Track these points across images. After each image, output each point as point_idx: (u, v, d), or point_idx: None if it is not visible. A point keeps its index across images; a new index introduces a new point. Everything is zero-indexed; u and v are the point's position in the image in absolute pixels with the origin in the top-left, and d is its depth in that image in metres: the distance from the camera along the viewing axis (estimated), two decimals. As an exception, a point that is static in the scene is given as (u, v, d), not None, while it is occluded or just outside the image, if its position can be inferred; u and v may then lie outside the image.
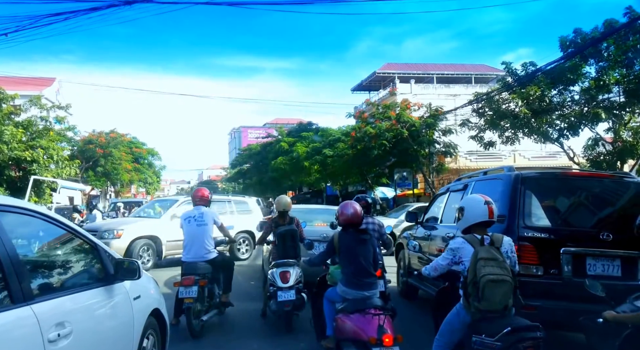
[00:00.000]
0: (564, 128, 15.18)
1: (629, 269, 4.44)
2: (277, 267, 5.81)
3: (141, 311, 3.63)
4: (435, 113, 19.78)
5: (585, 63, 13.76)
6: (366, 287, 4.07)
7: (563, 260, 4.39)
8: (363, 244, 4.24)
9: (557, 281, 4.37)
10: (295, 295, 5.58)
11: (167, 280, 9.31)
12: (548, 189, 5.01)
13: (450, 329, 3.46)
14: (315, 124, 33.15)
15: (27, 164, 17.92)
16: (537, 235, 4.44)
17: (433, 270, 3.57)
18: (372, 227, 5.72)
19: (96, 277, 3.29)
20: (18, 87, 25.16)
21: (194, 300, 5.42)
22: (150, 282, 4.15)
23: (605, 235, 4.46)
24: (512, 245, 3.49)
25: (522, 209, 4.56)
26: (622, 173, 5.69)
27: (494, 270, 3.16)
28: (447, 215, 6.14)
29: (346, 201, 4.62)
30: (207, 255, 5.91)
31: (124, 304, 3.39)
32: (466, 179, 6.32)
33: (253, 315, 6.54)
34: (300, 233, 6.22)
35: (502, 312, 3.17)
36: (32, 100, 19.71)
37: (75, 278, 3.15)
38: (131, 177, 34.92)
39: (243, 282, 9.01)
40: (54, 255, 3.20)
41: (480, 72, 38.35)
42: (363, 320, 3.67)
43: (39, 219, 2.85)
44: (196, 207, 6.16)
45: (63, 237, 3.17)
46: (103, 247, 3.41)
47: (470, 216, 3.44)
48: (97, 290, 3.14)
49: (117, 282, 3.35)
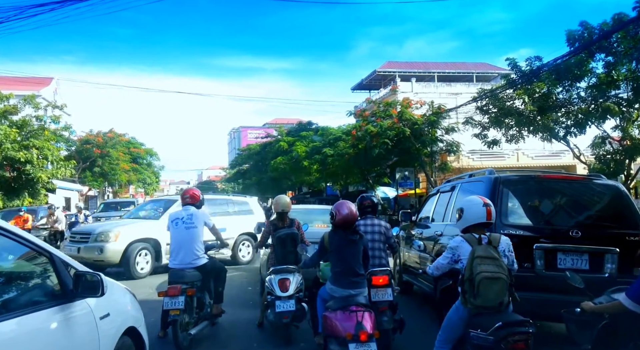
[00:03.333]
0: (571, 125, 14.86)
1: (596, 262, 4.81)
2: (275, 273, 5.31)
3: (110, 332, 3.13)
4: (438, 111, 19.42)
5: (591, 59, 13.43)
6: (352, 286, 4.13)
7: (536, 255, 4.77)
8: (352, 244, 4.26)
9: (531, 274, 4.72)
10: (295, 305, 5.08)
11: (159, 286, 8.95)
12: (525, 190, 5.42)
13: (451, 325, 3.60)
14: (315, 124, 32.80)
15: (21, 165, 17.59)
16: (512, 233, 4.70)
17: (435, 269, 3.74)
18: (378, 229, 5.29)
19: (51, 294, 2.79)
20: (16, 86, 24.83)
21: (181, 311, 4.89)
22: (125, 296, 3.66)
23: (575, 232, 4.82)
24: (509, 244, 3.59)
25: (501, 209, 4.87)
26: (593, 175, 5.99)
27: (489, 268, 3.28)
28: (438, 214, 6.50)
29: (341, 201, 4.48)
30: (196, 261, 5.36)
31: (86, 325, 2.88)
32: (455, 180, 6.70)
33: (249, 325, 6.04)
34: (301, 236, 5.73)
35: (497, 308, 3.30)
36: (26, 99, 19.35)
37: (22, 297, 2.64)
38: (129, 178, 34.64)
39: (238, 287, 8.47)
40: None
41: (482, 70, 37.97)
42: (343, 316, 3.80)
43: None
44: (185, 208, 5.61)
45: (8, 248, 2.63)
46: (61, 257, 2.89)
47: (470, 217, 3.58)
48: (49, 311, 2.61)
49: (77, 299, 2.82)
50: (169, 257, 5.67)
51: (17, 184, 18.28)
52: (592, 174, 7.03)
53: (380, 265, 5.12)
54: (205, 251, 5.56)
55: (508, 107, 15.65)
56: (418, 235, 6.91)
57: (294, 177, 30.30)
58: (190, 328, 5.10)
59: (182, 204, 5.70)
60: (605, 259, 4.80)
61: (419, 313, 6.63)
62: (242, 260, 11.93)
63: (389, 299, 4.89)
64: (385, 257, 5.31)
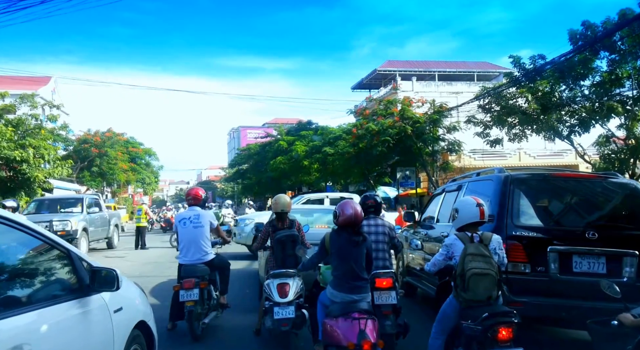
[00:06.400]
0: (575, 124, 14.65)
1: (613, 266, 4.56)
2: (274, 277, 4.96)
3: (123, 325, 3.27)
4: (440, 109, 19.21)
5: (595, 57, 13.22)
6: (355, 291, 3.96)
7: (550, 258, 4.52)
8: (356, 246, 4.05)
9: (544, 278, 4.50)
10: (294, 312, 4.74)
11: (154, 287, 8.75)
12: (537, 189, 5.19)
13: (445, 317, 3.80)
14: (315, 123, 32.61)
15: (17, 164, 17.36)
16: (525, 234, 4.58)
17: (432, 266, 3.90)
18: (382, 229, 5.06)
19: (69, 288, 2.89)
20: (14, 85, 24.62)
21: (195, 303, 5.30)
22: (135, 291, 3.80)
23: (590, 233, 4.58)
24: (500, 242, 3.76)
25: (511, 209, 4.71)
26: (609, 174, 5.63)
27: (479, 264, 3.47)
28: (444, 215, 6.29)
29: (346, 200, 4.27)
30: (205, 257, 5.84)
31: (101, 319, 3.01)
32: (461, 179, 6.55)
33: (245, 332, 5.72)
34: (301, 238, 5.45)
35: (486, 302, 3.47)
36: (22, 97, 19.11)
37: (42, 291, 2.72)
38: (128, 178, 34.39)
39: (236, 290, 7.90)
40: (14, 265, 2.70)
41: (483, 69, 37.82)
42: (345, 324, 3.62)
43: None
44: (190, 208, 6.02)
45: (27, 243, 2.69)
46: (77, 254, 2.99)
47: (464, 217, 3.73)
48: (68, 304, 2.73)
49: (92, 293, 2.96)
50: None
51: (13, 183, 18.05)
52: (607, 172, 6.69)
53: (383, 267, 4.92)
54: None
55: (511, 106, 15.44)
56: (422, 236, 6.69)
57: (294, 176, 30.10)
58: (202, 318, 5.51)
59: (188, 205, 6.14)
60: (624, 262, 4.55)
61: (423, 317, 6.38)
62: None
63: (393, 302, 4.69)
64: (389, 259, 5.12)
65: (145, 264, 12.45)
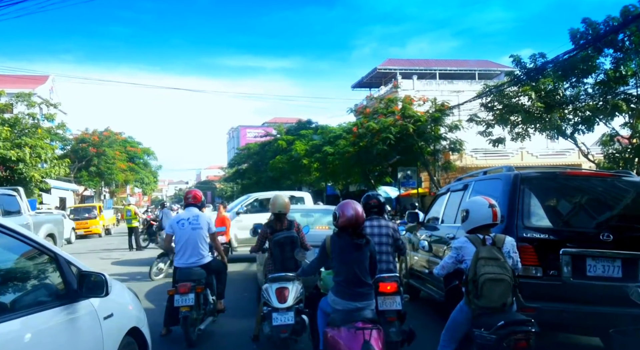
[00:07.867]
0: (578, 122, 14.47)
1: (629, 270, 4.35)
2: (272, 282, 4.74)
3: (114, 332, 3.15)
4: (442, 108, 18.98)
5: (598, 55, 13.01)
6: (358, 298, 3.67)
7: (562, 262, 4.32)
8: (359, 250, 3.76)
9: (557, 282, 4.31)
10: (294, 318, 4.52)
11: (149, 291, 8.54)
12: (548, 189, 4.98)
13: (455, 324, 3.62)
14: (315, 122, 32.37)
15: (13, 163, 17.18)
16: (536, 236, 4.40)
17: (441, 269, 3.73)
18: (386, 231, 4.82)
19: (55, 294, 2.78)
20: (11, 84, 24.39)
21: (191, 308, 5.10)
22: (128, 296, 3.70)
23: (605, 235, 4.38)
24: (514, 245, 3.57)
25: (522, 209, 4.53)
26: (622, 172, 5.44)
27: (493, 269, 3.29)
28: (449, 216, 6.09)
29: (347, 200, 3.96)
30: (202, 260, 5.64)
31: (90, 326, 2.90)
32: (466, 178, 6.33)
33: (242, 338, 5.43)
34: (301, 239, 5.23)
35: (500, 309, 3.28)
36: (18, 96, 18.91)
37: (27, 297, 2.62)
38: (126, 177, 34.20)
39: (233, 293, 7.66)
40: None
41: (484, 68, 37.59)
42: (348, 335, 3.37)
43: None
44: (188, 209, 5.86)
45: (11, 247, 2.60)
46: (66, 258, 2.88)
47: (475, 218, 3.55)
48: (54, 311, 2.62)
49: (81, 299, 2.84)
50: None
51: (9, 183, 17.85)
52: (621, 170, 6.48)
53: (387, 270, 4.69)
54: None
55: (514, 104, 15.24)
56: (426, 237, 6.47)
57: (294, 176, 29.86)
58: (198, 324, 5.31)
59: (185, 204, 5.98)
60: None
61: (428, 322, 6.14)
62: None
63: (398, 308, 4.49)
64: (393, 262, 4.87)
65: (140, 265, 12.20)
